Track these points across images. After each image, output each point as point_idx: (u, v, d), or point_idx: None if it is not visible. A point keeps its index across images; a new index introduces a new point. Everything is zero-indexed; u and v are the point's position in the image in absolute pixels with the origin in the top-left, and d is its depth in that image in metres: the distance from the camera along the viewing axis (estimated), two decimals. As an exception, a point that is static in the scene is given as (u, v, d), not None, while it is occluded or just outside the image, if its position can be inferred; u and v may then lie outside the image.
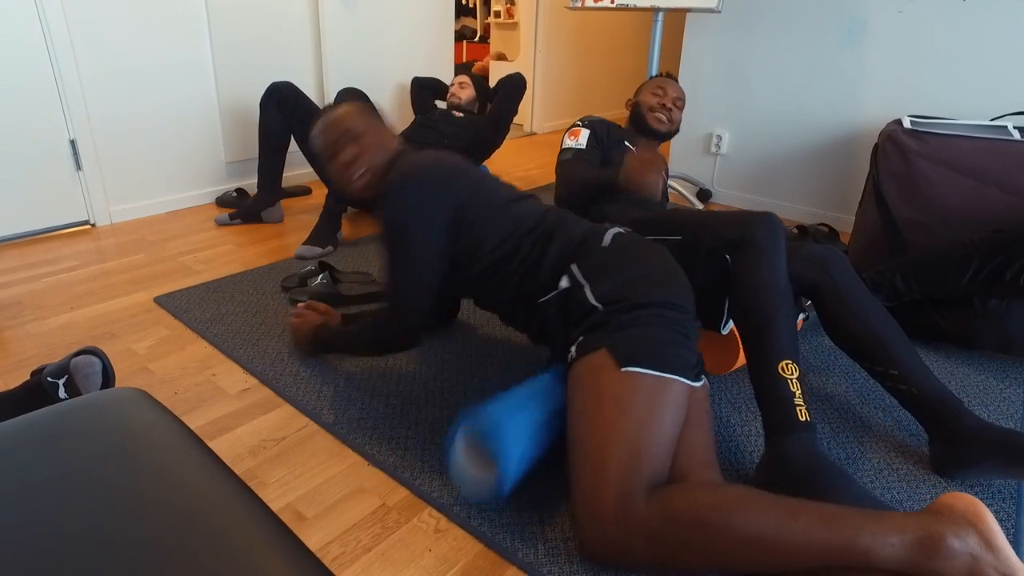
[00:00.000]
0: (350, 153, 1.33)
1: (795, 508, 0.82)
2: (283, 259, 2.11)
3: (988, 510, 0.79)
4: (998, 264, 1.45)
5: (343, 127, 1.35)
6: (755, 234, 1.25)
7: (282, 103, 2.30)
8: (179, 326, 1.66)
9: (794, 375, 1.13)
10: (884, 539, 0.78)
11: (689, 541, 0.82)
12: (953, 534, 0.76)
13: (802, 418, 1.09)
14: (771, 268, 1.23)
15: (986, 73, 2.28)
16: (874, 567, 0.78)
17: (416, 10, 3.21)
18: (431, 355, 1.55)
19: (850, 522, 0.80)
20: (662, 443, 0.94)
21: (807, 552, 0.79)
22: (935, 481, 1.19)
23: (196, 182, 2.64)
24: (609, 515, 0.86)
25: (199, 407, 1.33)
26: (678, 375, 1.00)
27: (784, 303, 1.21)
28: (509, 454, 0.97)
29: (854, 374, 1.55)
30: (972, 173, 1.88)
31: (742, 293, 1.23)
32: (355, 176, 1.33)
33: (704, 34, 2.90)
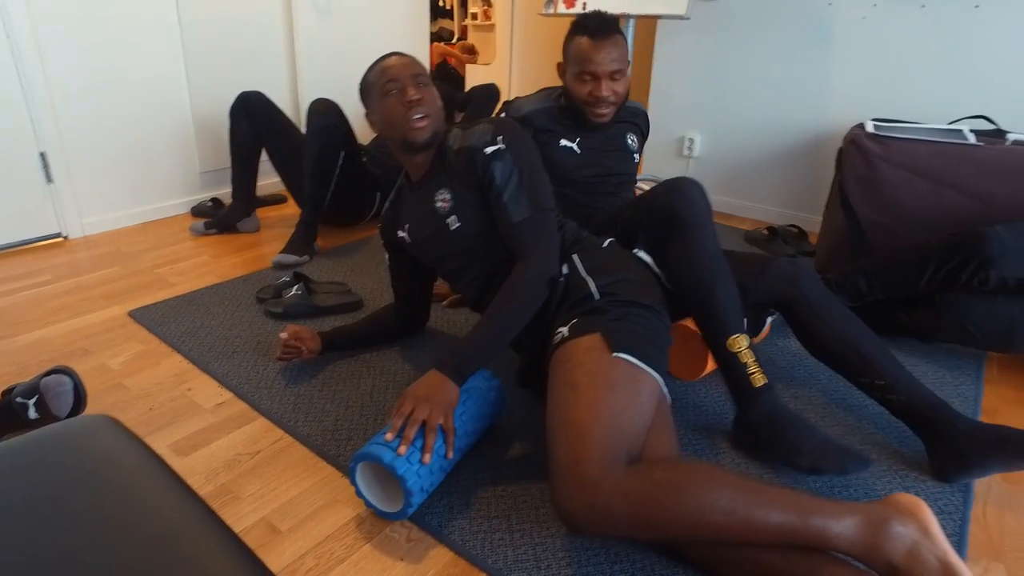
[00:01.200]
0: (418, 94, 1.26)
1: (761, 488, 0.89)
2: (259, 270, 2.12)
3: (927, 505, 0.88)
4: (954, 265, 1.50)
5: (419, 69, 1.31)
6: (675, 211, 1.28)
7: (251, 113, 2.29)
8: (154, 340, 1.66)
9: (743, 347, 1.24)
10: (838, 520, 0.86)
11: (665, 503, 0.87)
12: (897, 521, 0.86)
13: (756, 384, 1.23)
14: (700, 241, 1.27)
15: (944, 78, 2.35)
16: (829, 547, 0.86)
17: (391, 14, 3.22)
18: (404, 363, 1.58)
19: (808, 504, 0.88)
20: (639, 425, 1.01)
21: (769, 528, 0.86)
22: (891, 477, 1.23)
23: (170, 192, 2.64)
24: (590, 478, 0.89)
25: (174, 422, 1.34)
26: (657, 374, 1.09)
27: (720, 273, 1.26)
28: (406, 469, 1.02)
29: (818, 375, 1.59)
30: (930, 176, 1.94)
31: (677, 271, 1.29)
32: (415, 117, 1.26)
33: (675, 40, 2.94)
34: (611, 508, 0.87)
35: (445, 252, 1.36)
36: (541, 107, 1.63)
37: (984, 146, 1.89)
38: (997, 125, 2.20)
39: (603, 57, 1.49)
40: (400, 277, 1.58)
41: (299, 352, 1.49)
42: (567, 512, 0.90)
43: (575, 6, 2.75)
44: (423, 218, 1.37)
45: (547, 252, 1.25)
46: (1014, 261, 1.44)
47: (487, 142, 1.26)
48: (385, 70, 1.29)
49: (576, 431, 0.95)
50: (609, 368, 1.04)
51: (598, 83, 1.51)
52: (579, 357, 1.08)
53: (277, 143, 2.37)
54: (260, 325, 1.75)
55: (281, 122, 2.37)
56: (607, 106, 1.55)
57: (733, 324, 1.24)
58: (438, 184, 1.33)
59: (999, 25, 2.21)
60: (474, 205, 1.30)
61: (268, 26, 2.77)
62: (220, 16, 2.59)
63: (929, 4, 2.31)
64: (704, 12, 2.80)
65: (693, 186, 1.30)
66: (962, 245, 1.50)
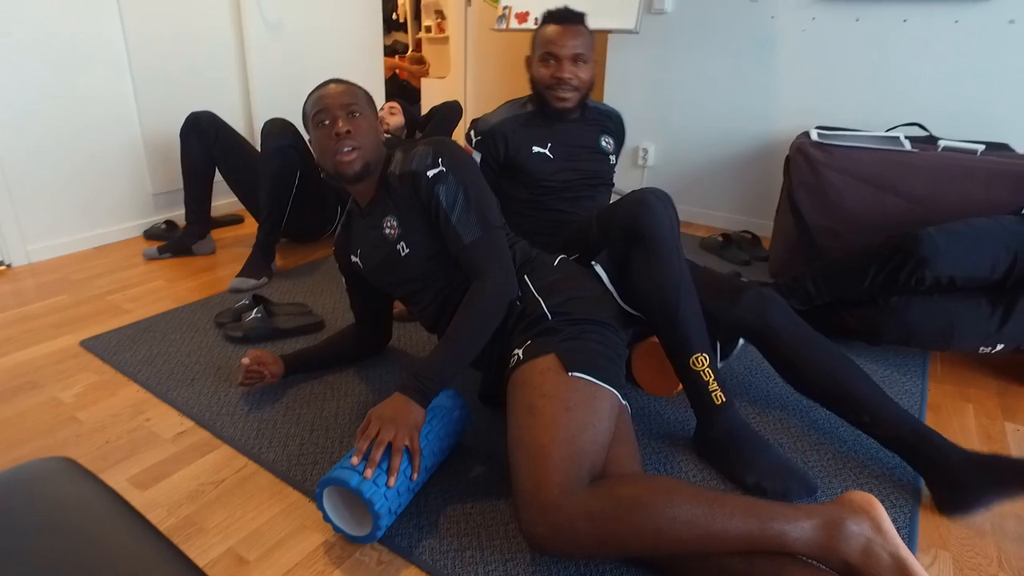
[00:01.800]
0: (348, 126, 1.24)
1: (720, 498, 0.91)
2: (217, 293, 2.08)
3: (879, 502, 0.91)
4: (893, 267, 1.58)
5: (352, 99, 1.27)
6: (638, 226, 1.26)
7: (203, 134, 2.26)
8: (108, 370, 1.62)
9: (704, 365, 1.25)
10: (796, 523, 0.89)
11: (627, 520, 0.88)
12: (851, 520, 0.89)
13: (717, 401, 1.25)
14: (664, 258, 1.25)
15: (879, 87, 2.47)
16: (788, 550, 0.89)
17: (343, 28, 3.21)
18: (367, 383, 1.57)
19: (767, 510, 0.90)
20: (599, 442, 1.02)
21: (730, 537, 0.88)
22: (845, 476, 1.28)
23: (122, 215, 2.57)
24: (552, 502, 0.90)
25: (133, 455, 1.31)
26: (614, 388, 1.10)
27: (684, 291, 1.25)
28: (374, 492, 1.02)
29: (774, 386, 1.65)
30: (872, 181, 2.04)
31: (639, 287, 1.28)
32: (343, 150, 1.24)
33: (625, 53, 3.01)
34: (575, 530, 0.89)
35: (397, 278, 1.36)
36: (508, 116, 1.66)
37: (918, 152, 1.99)
38: (929, 132, 2.32)
39: (566, 40, 1.55)
40: (358, 299, 1.57)
41: (262, 377, 1.47)
42: (532, 536, 0.91)
43: (527, 21, 2.79)
44: (373, 244, 1.36)
45: (503, 269, 1.25)
46: (946, 260, 1.51)
47: (427, 165, 1.25)
48: (318, 100, 1.27)
49: (536, 456, 0.96)
50: (565, 389, 1.06)
51: (560, 64, 1.55)
52: (535, 379, 1.08)
53: (231, 163, 2.33)
54: (220, 350, 1.72)
55: (234, 141, 2.33)
56: (569, 90, 1.57)
57: (696, 343, 1.24)
58: (384, 211, 1.32)
59: (925, 38, 2.34)
60: (422, 230, 1.29)
61: (218, 43, 2.74)
62: (168, 35, 2.54)
63: (863, 18, 2.43)
64: (652, 26, 2.88)
65: (658, 199, 1.28)
66: (899, 247, 1.57)
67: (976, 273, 1.53)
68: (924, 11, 2.32)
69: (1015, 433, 1.46)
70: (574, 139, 1.67)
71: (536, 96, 1.65)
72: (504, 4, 2.92)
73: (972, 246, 1.53)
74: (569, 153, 1.66)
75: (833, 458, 1.34)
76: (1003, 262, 1.52)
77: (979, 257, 1.53)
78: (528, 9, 2.81)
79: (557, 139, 1.65)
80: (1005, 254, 1.53)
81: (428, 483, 1.22)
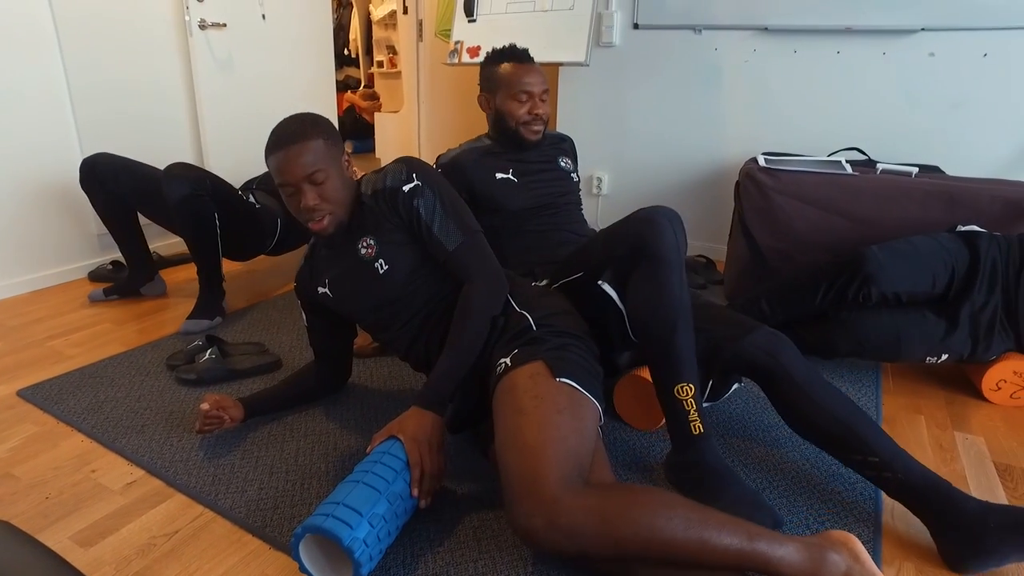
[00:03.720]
0: (315, 198, 1.23)
1: (711, 511, 0.94)
2: (168, 334, 2.01)
3: (856, 539, 0.97)
4: (841, 284, 1.64)
5: (310, 167, 1.22)
6: (644, 243, 1.23)
7: (102, 181, 2.08)
8: (49, 420, 1.53)
9: (689, 395, 1.22)
10: (780, 545, 0.92)
11: (624, 515, 0.89)
12: (832, 550, 0.94)
13: (695, 432, 1.23)
14: (666, 280, 1.22)
15: (818, 114, 2.59)
16: (772, 570, 0.91)
17: (296, 65, 3.20)
18: (328, 422, 1.53)
19: (753, 530, 0.92)
20: (586, 447, 1.05)
21: (719, 549, 0.89)
22: (809, 494, 1.30)
23: (64, 257, 2.47)
24: (550, 495, 0.90)
25: (77, 510, 1.23)
26: (596, 400, 1.13)
27: (681, 317, 1.22)
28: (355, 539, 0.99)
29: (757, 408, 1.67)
30: (818, 204, 2.11)
31: (637, 306, 1.25)
32: (316, 220, 1.26)
33: (576, 85, 3.09)
34: (572, 524, 0.89)
35: (374, 301, 1.35)
36: (468, 149, 1.74)
37: (860, 175, 2.09)
38: (868, 155, 2.43)
39: (534, 78, 1.63)
40: (320, 336, 1.54)
41: (222, 423, 1.41)
42: (527, 530, 0.90)
43: (479, 56, 2.84)
44: (346, 270, 1.35)
45: (491, 268, 1.31)
46: (890, 277, 1.58)
47: (403, 180, 1.30)
48: (278, 171, 1.24)
49: (530, 452, 0.97)
50: (555, 393, 1.09)
51: (533, 100, 1.64)
52: (526, 383, 1.11)
53: (147, 203, 2.15)
54: (172, 394, 1.65)
55: (145, 178, 2.13)
56: (540, 123, 1.67)
57: (686, 372, 1.22)
58: (360, 233, 1.33)
59: (857, 68, 2.48)
60: (400, 243, 1.31)
61: (167, 82, 2.70)
62: (114, 75, 2.50)
63: (800, 50, 2.55)
64: (602, 59, 2.96)
65: (667, 219, 1.24)
66: (845, 265, 1.64)
67: (918, 288, 1.61)
68: (855, 44, 2.46)
69: (964, 442, 1.51)
70: (534, 162, 1.74)
71: (502, 131, 1.70)
72: (456, 39, 2.97)
73: (913, 263, 1.61)
74: (532, 175, 1.72)
75: (796, 478, 1.36)
76: (942, 277, 1.61)
77: (920, 273, 1.60)
78: (479, 44, 2.86)
79: (518, 165, 1.71)
80: (943, 269, 1.61)
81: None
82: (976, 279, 1.60)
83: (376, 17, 5.99)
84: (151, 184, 2.10)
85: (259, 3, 2.92)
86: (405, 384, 1.72)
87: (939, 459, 1.45)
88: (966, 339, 1.60)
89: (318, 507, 1.04)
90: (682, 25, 2.75)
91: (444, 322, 1.33)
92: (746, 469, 1.38)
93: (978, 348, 1.61)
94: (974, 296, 1.59)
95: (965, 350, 1.61)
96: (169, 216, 2.16)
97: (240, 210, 2.14)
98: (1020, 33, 2.22)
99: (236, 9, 2.81)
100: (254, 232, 2.23)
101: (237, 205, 2.13)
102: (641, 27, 2.85)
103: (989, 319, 1.59)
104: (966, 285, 1.61)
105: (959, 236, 1.69)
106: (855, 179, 2.08)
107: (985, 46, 2.28)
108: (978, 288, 1.60)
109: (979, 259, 1.61)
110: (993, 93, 2.32)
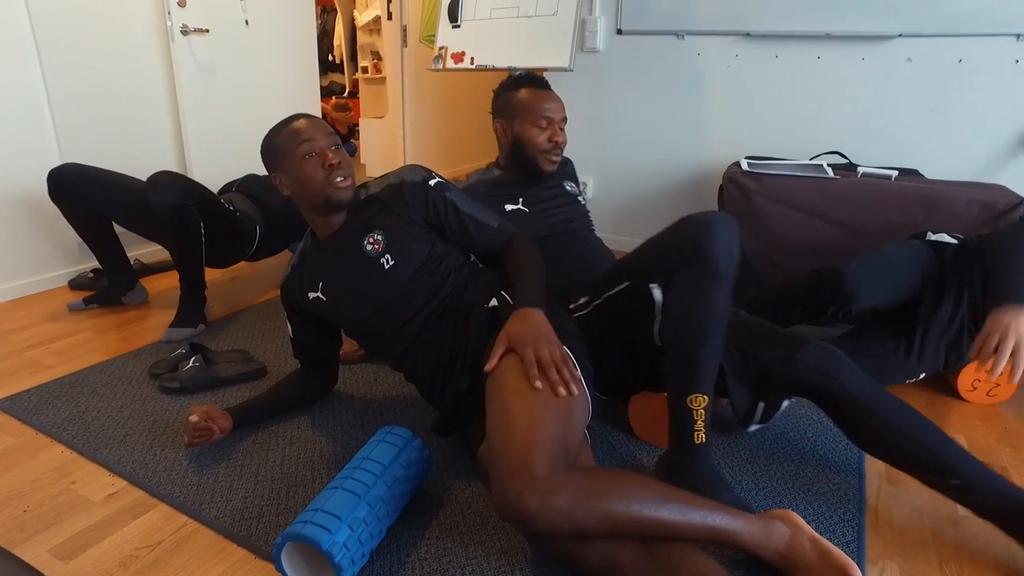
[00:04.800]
0: (337, 157, 1.31)
1: (676, 491, 1.01)
2: (151, 343, 1.98)
3: (794, 512, 1.09)
4: (821, 302, 1.66)
5: (332, 130, 1.35)
6: (698, 245, 1.16)
7: (70, 191, 2.02)
8: (28, 432, 1.50)
9: (701, 405, 1.19)
10: (743, 521, 1.02)
11: (612, 494, 0.94)
12: (777, 521, 1.06)
13: (697, 441, 1.21)
14: (710, 289, 1.16)
15: (799, 118, 2.62)
16: (734, 541, 1.01)
17: (279, 70, 3.18)
18: (313, 430, 1.52)
19: (709, 506, 1.01)
20: (575, 434, 1.08)
21: (693, 525, 0.97)
22: (795, 495, 1.31)
23: (43, 265, 2.43)
24: (541, 473, 0.92)
25: (56, 523, 1.21)
26: (588, 393, 1.16)
27: (717, 330, 1.17)
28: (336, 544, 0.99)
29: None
30: (800, 207, 2.14)
31: (678, 312, 1.20)
32: (337, 180, 1.30)
33: (561, 90, 3.05)
34: (561, 502, 0.90)
35: (375, 300, 1.35)
36: (478, 181, 1.70)
37: (841, 179, 2.12)
38: (848, 159, 2.47)
39: (555, 104, 1.62)
40: (305, 346, 1.54)
41: (211, 434, 1.38)
42: (518, 508, 0.90)
43: (463, 61, 2.84)
44: (346, 270, 1.36)
45: (522, 232, 1.44)
46: (869, 294, 1.60)
47: (425, 177, 1.39)
48: (298, 133, 1.30)
49: (522, 434, 0.98)
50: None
51: (554, 127, 1.61)
52: (518, 366, 1.12)
53: (119, 210, 2.12)
54: (155, 403, 1.63)
55: (113, 186, 2.09)
56: (559, 152, 1.64)
57: (705, 383, 1.19)
58: (364, 230, 1.35)
59: (837, 73, 2.51)
60: (411, 239, 1.34)
61: (149, 88, 2.67)
62: (94, 81, 2.47)
63: (781, 55, 2.58)
64: (586, 64, 2.98)
65: (723, 227, 1.16)
66: (825, 282, 1.65)
67: (896, 300, 1.63)
68: (835, 49, 2.49)
69: (947, 441, 1.53)
70: (542, 191, 1.70)
71: (518, 160, 1.65)
72: (440, 44, 2.97)
73: (889, 277, 1.63)
74: (543, 203, 1.68)
75: (782, 478, 1.37)
76: (916, 286, 1.63)
77: (898, 286, 1.63)
78: (464, 49, 2.86)
79: (527, 195, 1.67)
80: (917, 278, 1.64)
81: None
82: (943, 296, 1.61)
83: (360, 23, 5.97)
84: (125, 194, 2.08)
85: (242, 8, 2.91)
86: (391, 391, 1.71)
87: (921, 458, 1.46)
88: (940, 357, 1.63)
89: (299, 515, 1.04)
90: (665, 31, 2.77)
91: (442, 325, 1.34)
92: (731, 469, 1.39)
93: (950, 359, 1.64)
94: (941, 314, 1.60)
95: (939, 364, 1.65)
96: (146, 225, 2.15)
97: (222, 218, 2.12)
98: (993, 40, 2.27)
99: (219, 14, 2.80)
100: (235, 240, 2.21)
101: (220, 213, 2.11)
102: (624, 33, 2.87)
103: (956, 333, 1.61)
104: (935, 303, 1.61)
105: (929, 245, 1.70)
106: (836, 183, 2.11)
107: (960, 52, 2.32)
108: (945, 305, 1.60)
109: (945, 273, 1.63)
110: (968, 98, 2.36)
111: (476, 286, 1.39)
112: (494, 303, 1.34)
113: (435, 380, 1.37)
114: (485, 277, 1.42)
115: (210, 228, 2.04)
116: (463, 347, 1.32)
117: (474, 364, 1.28)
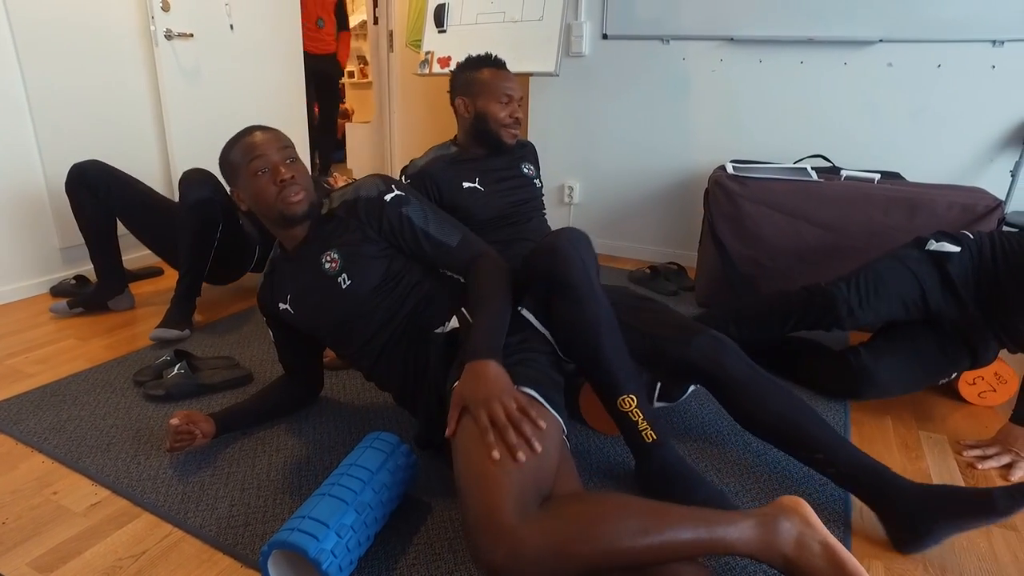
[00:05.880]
0: (289, 171, 1.27)
1: (667, 508, 0.95)
2: (135, 350, 1.96)
3: (805, 501, 1.00)
4: (810, 320, 1.67)
5: (286, 142, 1.31)
6: (552, 275, 1.22)
7: (93, 186, 2.07)
8: (8, 442, 1.48)
9: (632, 406, 1.22)
10: (736, 526, 0.95)
11: (583, 535, 0.89)
12: (783, 518, 0.97)
13: (648, 440, 1.24)
14: (578, 302, 1.20)
15: (783, 122, 2.65)
16: (733, 552, 0.94)
17: (265, 75, 3.17)
18: (299, 436, 1.50)
19: (709, 517, 0.95)
20: (549, 465, 1.01)
21: (679, 544, 0.91)
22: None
23: (24, 272, 2.40)
24: (507, 526, 0.88)
25: (37, 534, 1.19)
26: (557, 414, 1.10)
27: (603, 333, 1.21)
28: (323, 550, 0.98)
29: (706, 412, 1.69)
30: (785, 210, 2.16)
31: (560, 331, 1.24)
32: (293, 194, 1.27)
33: (547, 94, 3.11)
34: (532, 551, 0.87)
35: (335, 316, 1.33)
36: (435, 157, 1.76)
37: (825, 182, 2.14)
38: (832, 162, 2.50)
39: (514, 83, 1.70)
40: (287, 351, 1.53)
41: (193, 438, 1.37)
42: (489, 563, 0.88)
43: (449, 66, 2.84)
44: (307, 285, 1.34)
45: (490, 250, 1.35)
46: (858, 317, 1.60)
47: (382, 191, 1.32)
48: (250, 148, 1.27)
49: (486, 482, 0.94)
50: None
51: (513, 104, 1.70)
52: (475, 431, 1.04)
53: (134, 215, 2.16)
54: (139, 411, 1.61)
55: (133, 191, 2.15)
56: (517, 127, 1.73)
57: (622, 384, 1.22)
58: (322, 247, 1.32)
59: (820, 78, 2.54)
60: (368, 257, 1.31)
61: (132, 91, 2.65)
62: (76, 83, 2.44)
63: (765, 60, 2.61)
64: (572, 69, 2.99)
65: (570, 244, 1.22)
66: (815, 302, 1.65)
67: (889, 317, 1.63)
68: (817, 54, 2.52)
69: (928, 440, 1.55)
70: (498, 170, 1.78)
71: (480, 134, 1.74)
72: (426, 49, 2.97)
73: (880, 296, 1.60)
74: (497, 183, 1.76)
75: (769, 479, 1.37)
76: (913, 298, 1.60)
77: (890, 304, 1.61)
78: (450, 54, 2.86)
79: (483, 173, 1.75)
80: (912, 289, 1.60)
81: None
82: (957, 303, 1.59)
83: (346, 27, 5.96)
84: (141, 198, 2.17)
85: (227, 13, 2.89)
86: (377, 397, 1.70)
87: (905, 458, 1.48)
88: (967, 356, 1.62)
89: (286, 522, 1.03)
90: (650, 35, 2.79)
91: (403, 343, 1.32)
92: (718, 472, 1.39)
93: (978, 359, 1.63)
94: (958, 317, 1.59)
95: (965, 364, 1.64)
96: (153, 230, 2.20)
97: (234, 230, 2.18)
98: (971, 46, 2.31)
99: (203, 19, 2.78)
100: (238, 254, 2.26)
101: (235, 223, 2.18)
102: (610, 37, 2.89)
103: (980, 332, 1.59)
104: (951, 308, 1.60)
105: (928, 257, 1.63)
106: (821, 186, 2.13)
107: (939, 57, 2.36)
108: (961, 312, 1.59)
109: (953, 284, 1.58)
110: (947, 102, 2.40)
111: (438, 301, 1.34)
112: (454, 323, 1.29)
113: (405, 394, 1.37)
114: (447, 291, 1.36)
115: (223, 234, 2.10)
116: (426, 367, 1.29)
117: (439, 387, 1.25)
